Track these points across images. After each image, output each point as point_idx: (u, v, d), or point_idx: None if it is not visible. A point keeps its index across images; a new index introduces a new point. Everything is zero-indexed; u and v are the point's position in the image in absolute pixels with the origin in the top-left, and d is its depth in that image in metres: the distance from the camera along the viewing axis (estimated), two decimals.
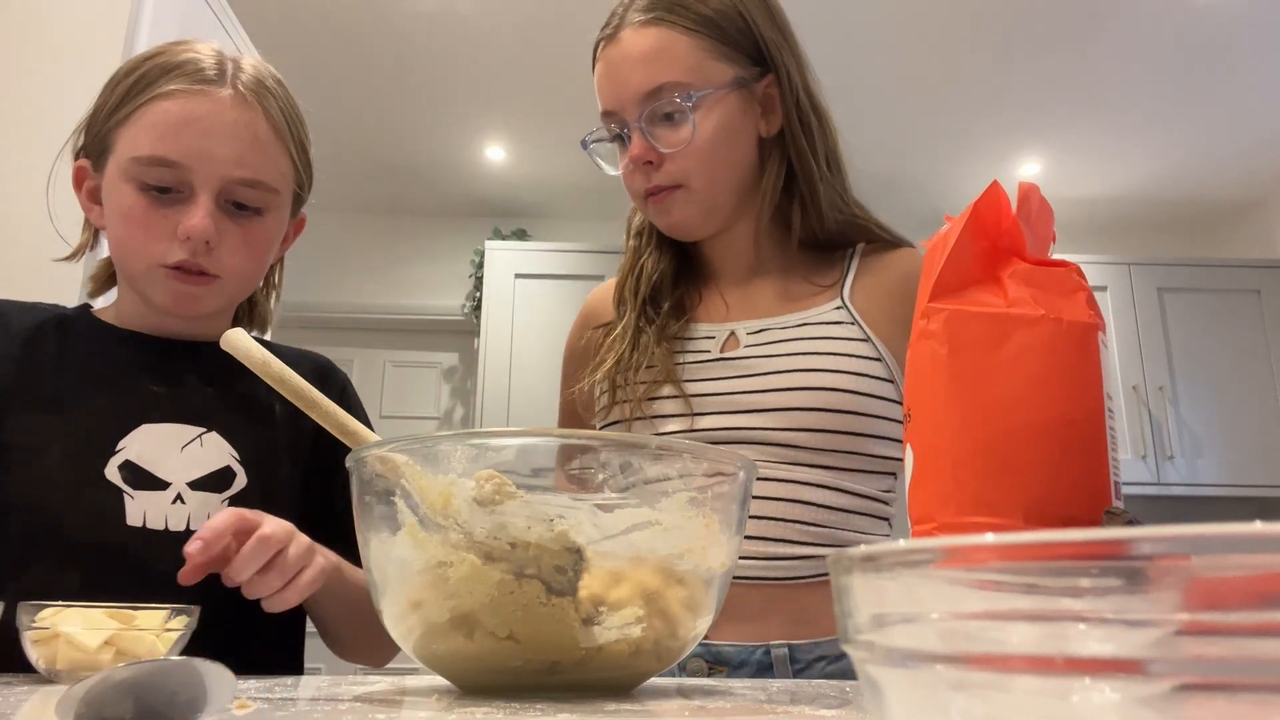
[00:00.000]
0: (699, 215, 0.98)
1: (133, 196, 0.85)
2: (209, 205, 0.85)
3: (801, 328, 0.96)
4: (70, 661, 0.61)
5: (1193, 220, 4.22)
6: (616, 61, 0.96)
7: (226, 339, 0.66)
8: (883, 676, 0.21)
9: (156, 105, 0.85)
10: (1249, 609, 0.15)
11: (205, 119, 0.85)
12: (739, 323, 0.99)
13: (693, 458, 0.56)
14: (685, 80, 0.93)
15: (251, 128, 0.87)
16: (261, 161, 0.88)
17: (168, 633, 0.64)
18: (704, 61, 0.94)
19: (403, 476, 0.53)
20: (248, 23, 2.17)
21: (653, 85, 0.93)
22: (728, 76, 0.95)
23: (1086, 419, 0.48)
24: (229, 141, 0.85)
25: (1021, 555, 0.18)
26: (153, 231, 0.85)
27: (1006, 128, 3.54)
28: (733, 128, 0.95)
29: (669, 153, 0.94)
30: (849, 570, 0.22)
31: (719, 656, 0.88)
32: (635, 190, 0.99)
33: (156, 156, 0.84)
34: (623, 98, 0.95)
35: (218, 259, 0.87)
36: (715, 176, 0.96)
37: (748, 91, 0.96)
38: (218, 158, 0.85)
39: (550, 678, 0.51)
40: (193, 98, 0.85)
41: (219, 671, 0.39)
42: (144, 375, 0.90)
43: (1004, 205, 0.52)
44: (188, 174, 0.84)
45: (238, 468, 0.89)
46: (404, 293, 4.25)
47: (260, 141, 0.88)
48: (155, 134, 0.84)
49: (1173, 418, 3.55)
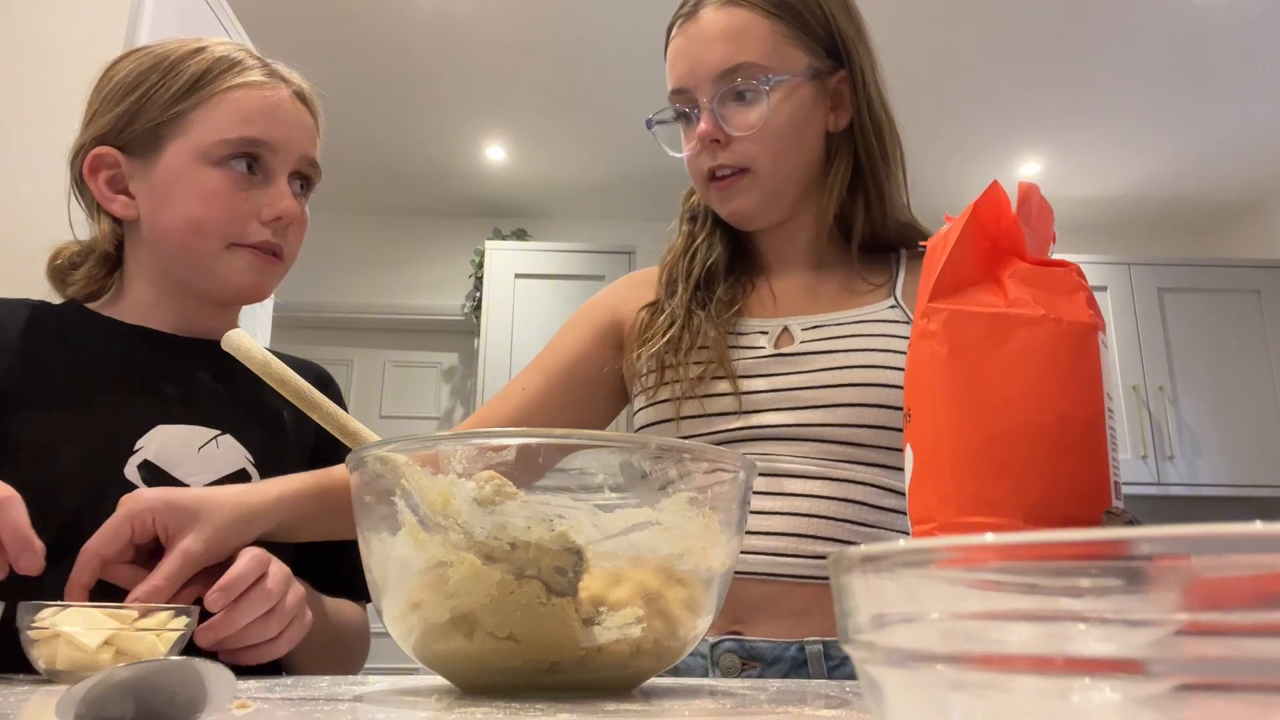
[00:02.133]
0: (761, 203, 0.97)
1: (217, 176, 0.89)
2: (289, 187, 0.93)
3: (858, 324, 0.95)
4: (70, 661, 0.61)
5: (1193, 220, 4.22)
6: (694, 38, 0.95)
7: (228, 339, 0.66)
8: (883, 676, 0.21)
9: (241, 92, 0.91)
10: (1249, 609, 0.15)
11: (285, 106, 0.93)
12: (792, 318, 0.98)
13: (693, 458, 0.56)
14: (763, 62, 0.92)
15: (309, 116, 0.97)
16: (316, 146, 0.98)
17: (168, 633, 0.64)
18: (782, 46, 0.94)
19: (403, 476, 0.53)
20: (248, 23, 2.17)
21: (730, 64, 0.92)
22: (803, 65, 0.94)
23: (1086, 419, 0.48)
24: (299, 127, 0.95)
25: (1021, 555, 0.18)
26: (236, 210, 0.89)
27: (1006, 128, 3.54)
28: (804, 117, 0.95)
29: (738, 135, 0.93)
30: (849, 570, 0.22)
31: (753, 652, 0.87)
32: (699, 171, 0.98)
33: (248, 138, 0.90)
34: (697, 75, 0.94)
35: (288, 240, 0.94)
36: (782, 164, 0.95)
37: (820, 83, 0.96)
38: (295, 139, 0.93)
39: (550, 678, 0.51)
40: (269, 88, 0.93)
41: (219, 671, 0.39)
42: (155, 374, 0.90)
43: (1004, 205, 0.52)
44: (272, 155, 0.91)
45: (252, 471, 0.90)
46: (404, 293, 4.25)
47: (314, 130, 0.98)
48: (242, 116, 0.90)
49: (1173, 418, 3.55)
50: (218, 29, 2.03)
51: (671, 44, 0.98)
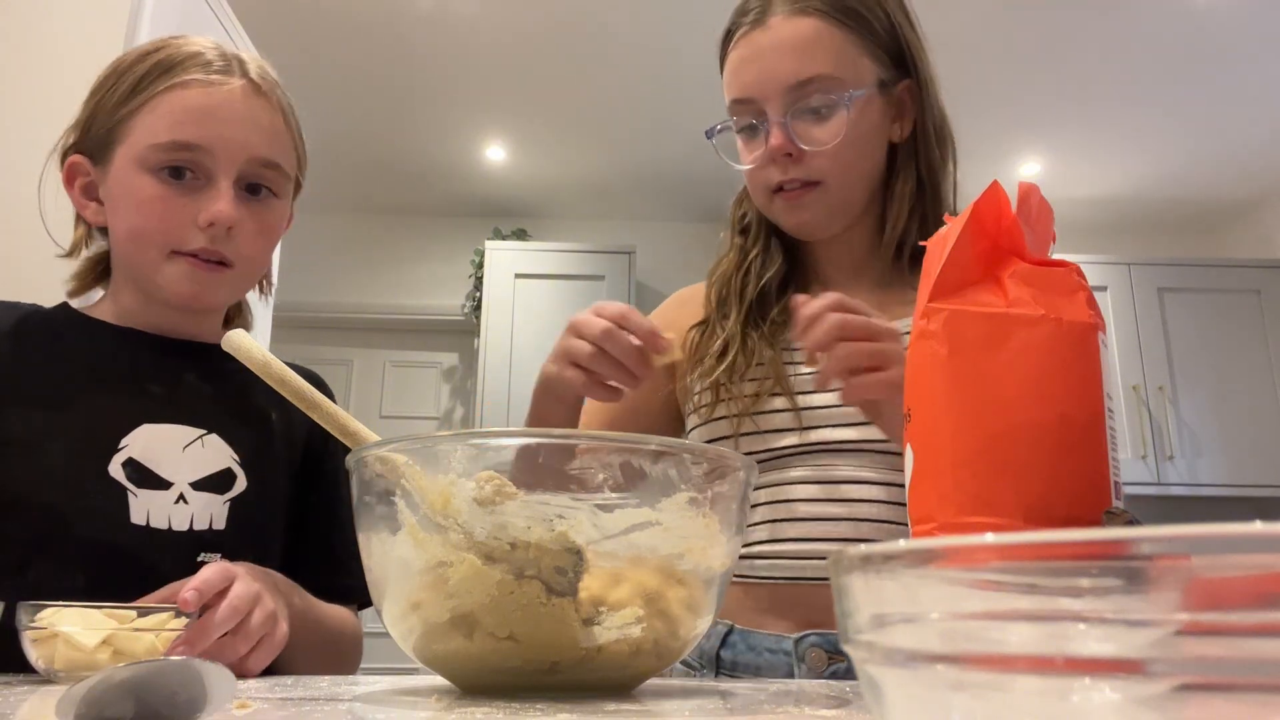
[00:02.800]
0: (828, 216, 0.96)
1: (151, 184, 0.86)
2: (230, 190, 0.87)
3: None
4: (68, 661, 0.61)
5: (1193, 220, 4.22)
6: (764, 47, 0.92)
7: (228, 340, 0.66)
8: (883, 676, 0.21)
9: (174, 94, 0.86)
10: (1249, 609, 0.15)
11: (224, 106, 0.87)
12: None
13: (693, 458, 0.56)
14: (838, 75, 0.90)
15: (266, 113, 0.90)
16: (275, 146, 0.91)
17: (166, 633, 0.64)
18: (854, 57, 0.92)
19: (403, 476, 0.53)
20: (248, 23, 2.17)
21: (804, 76, 0.90)
22: (873, 76, 0.93)
23: (1086, 419, 0.48)
24: (247, 127, 0.88)
25: (1021, 555, 0.18)
26: (171, 219, 0.86)
27: (1006, 128, 3.54)
28: (874, 130, 0.94)
29: (813, 150, 0.91)
30: (849, 570, 0.22)
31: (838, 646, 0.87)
32: (766, 184, 0.95)
33: (179, 141, 0.85)
34: (768, 87, 0.91)
35: (236, 246, 0.88)
36: (852, 178, 0.94)
37: (887, 94, 0.95)
38: (237, 142, 0.87)
39: (550, 678, 0.51)
40: (209, 86, 0.87)
41: (219, 671, 0.39)
42: (141, 374, 0.90)
43: (1004, 205, 0.52)
44: (208, 158, 0.86)
45: (238, 470, 0.89)
46: (404, 293, 4.25)
47: (274, 127, 0.91)
48: (174, 120, 0.86)
49: (1173, 418, 3.55)
50: (218, 29, 2.03)
51: (734, 52, 0.95)
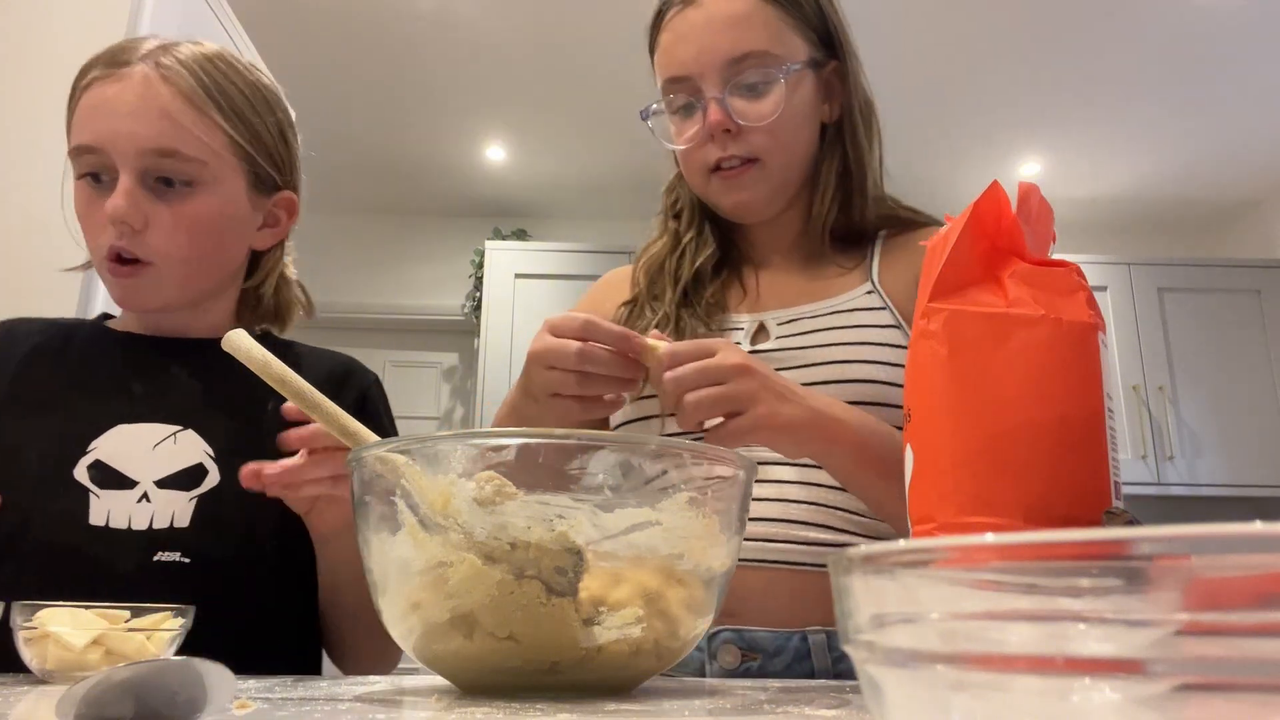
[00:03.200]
0: (766, 196, 0.96)
1: (79, 190, 0.87)
2: (127, 185, 0.84)
3: (832, 316, 0.93)
4: (59, 661, 0.61)
5: (1193, 220, 4.21)
6: (698, 25, 0.92)
7: (228, 340, 0.66)
8: (883, 676, 0.21)
9: (81, 98, 0.87)
10: (1249, 609, 0.15)
11: (113, 99, 0.85)
12: (768, 313, 0.96)
13: (693, 457, 0.56)
14: (774, 50, 0.91)
15: (159, 100, 0.85)
16: (174, 132, 0.85)
17: (160, 633, 0.64)
18: (786, 34, 0.92)
19: (403, 476, 0.53)
20: (248, 23, 2.17)
21: (740, 51, 0.90)
22: (805, 54, 0.93)
23: (1086, 419, 0.48)
24: (135, 117, 0.84)
25: (1021, 555, 0.18)
26: (92, 223, 0.87)
27: (1006, 128, 3.54)
28: (808, 108, 0.94)
29: (751, 126, 0.91)
30: (849, 570, 0.22)
31: (753, 643, 0.85)
32: (702, 163, 0.95)
33: (79, 145, 0.85)
34: (704, 63, 0.91)
35: (147, 243, 0.85)
36: (790, 156, 0.94)
37: (818, 74, 0.95)
38: (125, 133, 0.84)
39: (550, 678, 0.51)
40: (105, 82, 0.86)
41: (219, 671, 0.39)
42: (129, 376, 0.91)
43: (1004, 205, 0.52)
44: (106, 156, 0.84)
45: (210, 464, 0.87)
46: (404, 293, 4.24)
47: (170, 113, 0.85)
48: (80, 123, 0.86)
49: (1173, 418, 3.54)
50: (218, 29, 2.03)
51: (666, 30, 0.95)
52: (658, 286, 1.01)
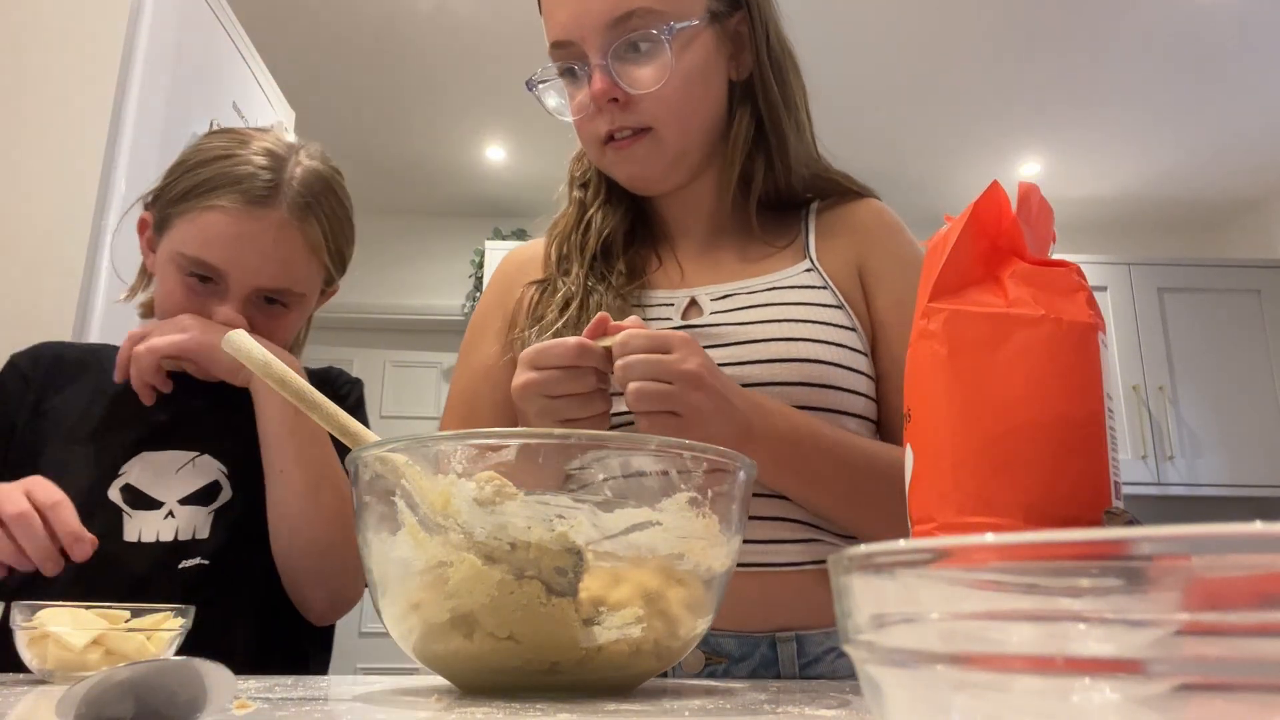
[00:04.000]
0: (664, 166, 0.88)
1: (175, 280, 0.96)
2: (239, 302, 0.96)
3: (771, 292, 0.87)
4: (59, 661, 0.61)
5: (1193, 220, 4.22)
6: None
7: (228, 340, 0.66)
8: (883, 676, 0.21)
9: (210, 215, 0.94)
10: (1249, 609, 0.15)
11: (249, 238, 0.95)
12: (699, 288, 0.90)
13: (693, 457, 0.56)
14: (659, 7, 0.82)
15: (290, 245, 0.97)
16: (294, 275, 0.98)
17: (160, 633, 0.64)
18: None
19: (403, 477, 0.53)
20: (248, 24, 2.17)
21: (622, 10, 0.81)
22: (700, 6, 0.85)
23: (1086, 419, 0.48)
24: (267, 260, 0.96)
25: (1021, 555, 0.18)
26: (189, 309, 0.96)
27: (1006, 128, 3.54)
28: (708, 68, 0.86)
29: (639, 93, 0.83)
30: (849, 570, 0.22)
31: (718, 648, 0.82)
32: (594, 134, 0.88)
33: (201, 261, 0.95)
34: (584, 25, 0.82)
35: None
36: (687, 122, 0.86)
37: (720, 27, 0.87)
38: (253, 270, 0.96)
39: (550, 678, 0.51)
40: (242, 217, 0.94)
41: (219, 671, 0.39)
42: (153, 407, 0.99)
43: (1004, 205, 0.52)
44: (224, 278, 0.96)
45: (224, 482, 0.98)
46: (404, 293, 4.25)
47: (296, 259, 0.98)
48: (203, 240, 0.94)
49: (1173, 418, 3.55)
50: (217, 29, 2.03)
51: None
52: (567, 262, 0.94)
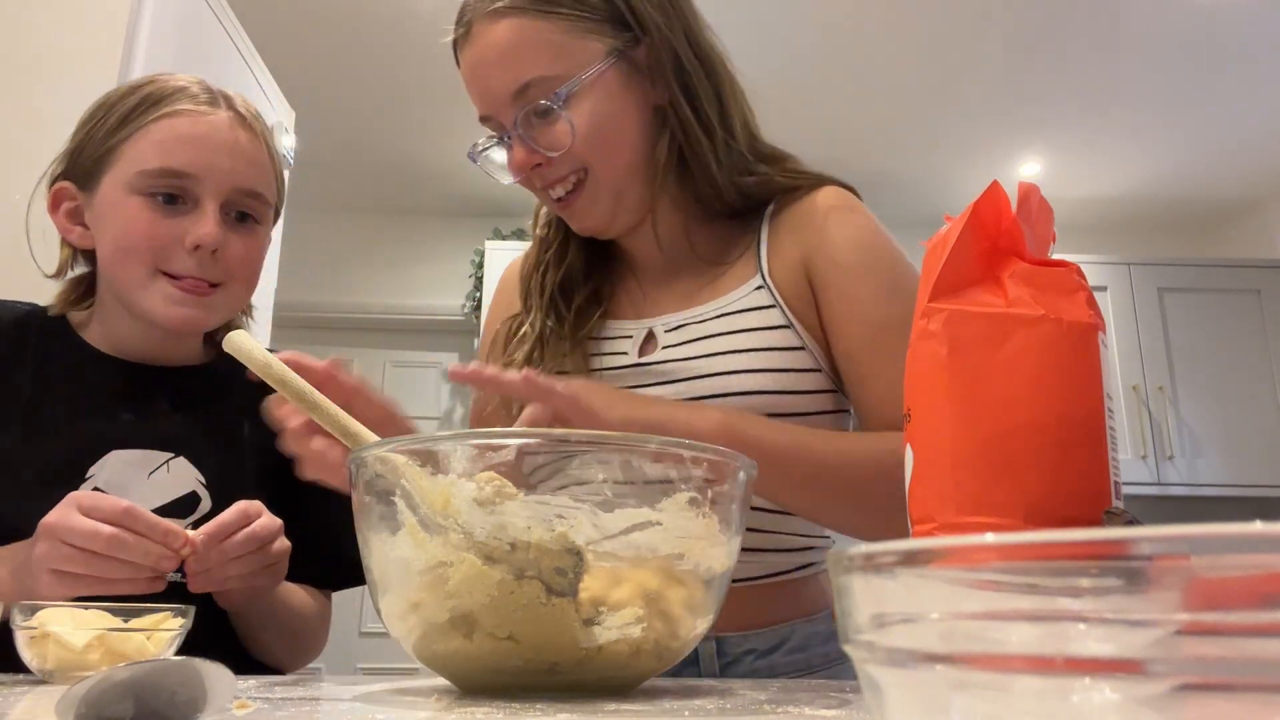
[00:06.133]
0: (609, 209, 0.89)
1: (140, 204, 0.89)
2: (216, 214, 0.91)
3: (719, 320, 0.88)
4: (59, 661, 0.61)
5: (1193, 220, 4.22)
6: (475, 64, 0.88)
7: (229, 341, 0.66)
8: (883, 676, 0.21)
9: (164, 122, 0.91)
10: (1249, 609, 0.15)
11: (212, 135, 0.92)
12: (658, 318, 0.92)
13: (693, 457, 0.56)
14: (552, 72, 0.84)
15: (251, 145, 0.95)
16: (259, 176, 0.95)
17: (160, 633, 0.64)
18: (566, 44, 0.84)
19: (403, 477, 0.53)
20: (248, 24, 2.17)
21: (518, 85, 0.84)
22: (597, 53, 0.85)
23: (1086, 419, 0.48)
24: (233, 156, 0.92)
25: (1021, 555, 0.18)
26: (158, 238, 0.89)
27: (1006, 128, 3.54)
28: (615, 108, 0.86)
29: (554, 154, 0.86)
30: (849, 570, 0.22)
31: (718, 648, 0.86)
32: (536, 191, 0.92)
33: (167, 168, 0.89)
34: (491, 102, 0.87)
35: (223, 268, 0.92)
36: (614, 161, 0.87)
37: (626, 63, 0.87)
38: (224, 169, 0.91)
39: (550, 678, 0.51)
40: (198, 116, 0.92)
41: (219, 671, 0.39)
42: (117, 401, 0.93)
43: (1004, 205, 0.52)
44: (196, 184, 0.90)
45: (203, 492, 0.92)
46: (404, 293, 4.25)
47: (258, 159, 0.95)
48: (164, 148, 0.90)
49: (1173, 418, 3.55)
50: (217, 29, 2.03)
51: (461, 68, 0.91)
52: (529, 299, 0.97)
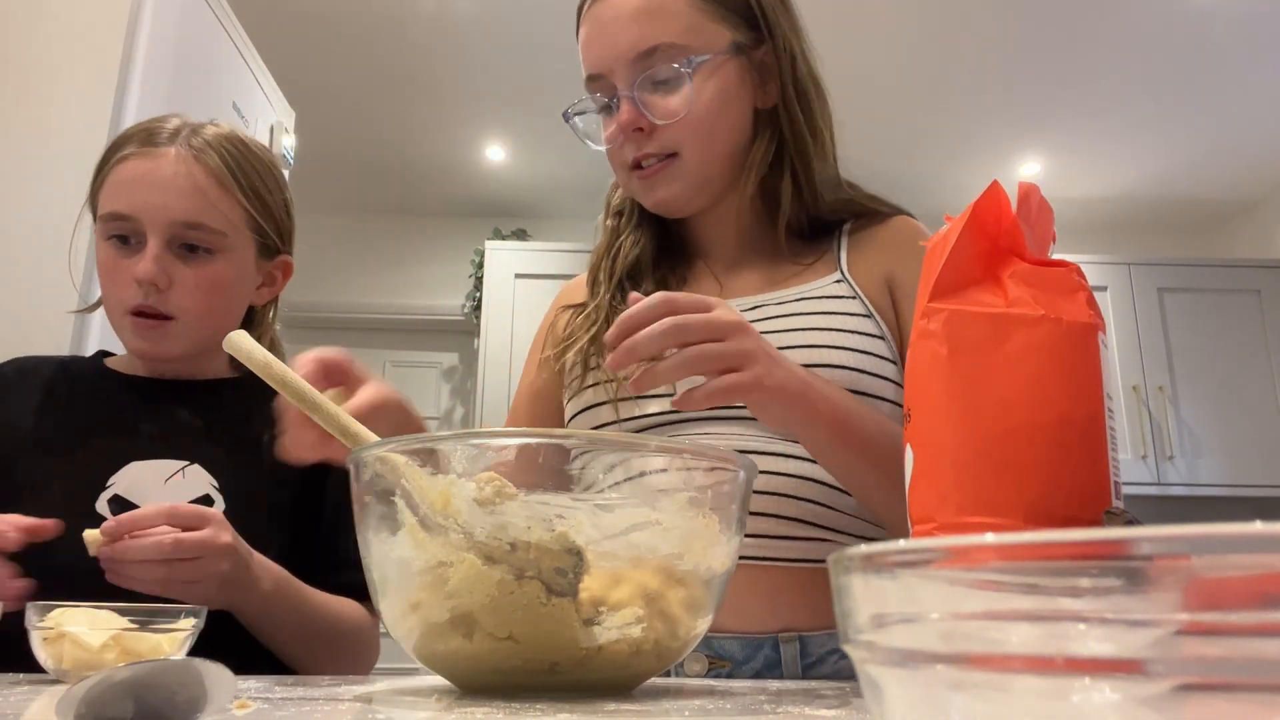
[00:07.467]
0: (688, 190, 0.92)
1: (104, 251, 0.97)
2: (156, 250, 0.95)
3: (800, 302, 0.90)
4: (75, 661, 0.61)
5: (1193, 220, 4.22)
6: (606, 20, 0.89)
7: (229, 341, 0.66)
8: (883, 676, 0.21)
9: (116, 168, 0.97)
10: (1249, 609, 0.15)
11: (151, 174, 0.96)
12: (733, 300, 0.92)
13: (693, 457, 0.56)
14: (682, 42, 0.87)
15: (191, 178, 0.97)
16: (202, 207, 0.97)
17: (174, 633, 0.64)
18: (701, 22, 0.88)
19: (403, 476, 0.53)
20: (248, 24, 2.17)
21: (647, 45, 0.87)
22: (725, 41, 0.89)
23: (1086, 419, 0.48)
24: (169, 191, 0.96)
25: (1021, 555, 0.18)
26: (116, 280, 0.97)
27: (1006, 128, 3.54)
28: (730, 96, 0.89)
29: (662, 122, 0.88)
30: (849, 570, 0.22)
31: (721, 651, 0.83)
32: (622, 162, 0.93)
33: (114, 212, 0.96)
34: (612, 59, 0.89)
35: (171, 300, 0.97)
36: (709, 149, 0.90)
37: (746, 59, 0.91)
38: (158, 205, 0.95)
39: (550, 678, 0.51)
40: (141, 158, 0.97)
41: (219, 671, 0.39)
42: (137, 417, 0.99)
43: (1004, 205, 0.53)
44: (138, 224, 0.95)
45: (216, 495, 0.96)
46: (404, 293, 4.24)
47: (200, 189, 0.97)
48: (112, 193, 0.97)
49: (1173, 418, 3.54)
50: (218, 29, 2.03)
51: (582, 28, 0.93)
52: (598, 285, 0.99)
